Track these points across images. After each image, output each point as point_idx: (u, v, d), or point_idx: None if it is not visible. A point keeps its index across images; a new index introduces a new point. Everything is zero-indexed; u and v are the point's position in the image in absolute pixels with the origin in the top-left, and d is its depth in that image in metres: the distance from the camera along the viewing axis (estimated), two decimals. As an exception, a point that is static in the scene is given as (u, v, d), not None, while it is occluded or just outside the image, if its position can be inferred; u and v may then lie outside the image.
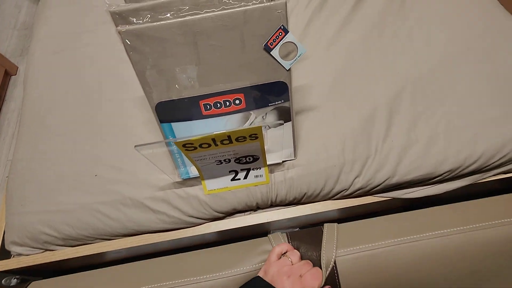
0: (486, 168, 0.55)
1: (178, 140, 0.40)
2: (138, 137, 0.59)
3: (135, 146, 0.41)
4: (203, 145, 0.43)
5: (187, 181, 0.56)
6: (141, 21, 0.43)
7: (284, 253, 0.49)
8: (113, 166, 0.58)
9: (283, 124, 0.44)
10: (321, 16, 0.71)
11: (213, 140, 0.42)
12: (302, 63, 0.65)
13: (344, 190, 0.55)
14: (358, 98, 0.59)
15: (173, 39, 0.40)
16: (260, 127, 0.40)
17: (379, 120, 0.56)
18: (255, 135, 0.42)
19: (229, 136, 0.41)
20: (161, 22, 0.39)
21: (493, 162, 0.54)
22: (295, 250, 0.42)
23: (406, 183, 0.55)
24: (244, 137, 0.42)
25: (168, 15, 0.43)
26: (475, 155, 0.53)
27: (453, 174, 0.55)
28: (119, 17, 0.41)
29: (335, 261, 0.47)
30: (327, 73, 0.63)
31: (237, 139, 0.43)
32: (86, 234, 0.55)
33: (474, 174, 0.56)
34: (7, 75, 1.37)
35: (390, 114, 0.57)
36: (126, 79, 0.65)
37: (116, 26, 0.41)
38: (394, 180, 0.53)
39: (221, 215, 0.57)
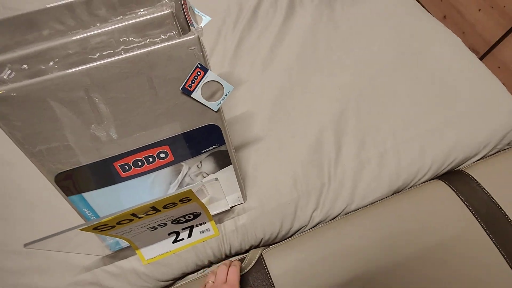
0: (437, 176, 0.54)
1: (83, 227, 0.31)
2: (49, 206, 0.47)
3: (24, 245, 0.30)
4: (122, 222, 0.34)
5: (119, 253, 0.46)
6: (12, 76, 0.32)
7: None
8: (17, 251, 0.45)
9: (217, 180, 0.37)
10: (252, 35, 0.66)
11: (134, 214, 0.33)
12: (238, 89, 0.59)
13: (303, 227, 0.50)
14: (302, 122, 0.55)
15: (57, 98, 0.31)
16: (190, 190, 0.33)
17: (327, 144, 0.52)
18: (187, 198, 0.34)
19: (153, 207, 0.33)
20: (31, 81, 0.29)
21: (443, 169, 0.53)
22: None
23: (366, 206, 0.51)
24: (174, 203, 0.34)
25: (51, 63, 0.34)
26: (425, 166, 0.51)
27: (407, 186, 0.53)
28: (-25, 77, 0.30)
29: (261, 254, 0.47)
30: (266, 98, 0.57)
31: (165, 207, 0.34)
32: None
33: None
34: None
35: (338, 136, 0.53)
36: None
37: (-26, 88, 0.31)
38: (353, 206, 0.50)
39: (168, 282, 0.48)
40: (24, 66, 0.34)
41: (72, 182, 0.37)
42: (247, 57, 0.62)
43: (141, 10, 0.36)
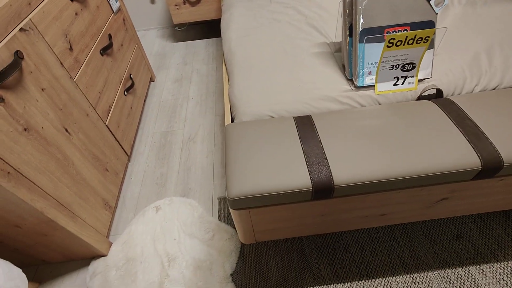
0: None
1: (388, 35, 0.74)
2: (317, 68, 0.93)
3: (366, 38, 0.75)
4: (397, 43, 0.76)
5: (362, 88, 0.87)
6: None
7: None
8: (309, 81, 0.91)
9: (444, 28, 0.77)
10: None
11: (406, 37, 0.75)
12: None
13: (468, 93, 0.84)
14: (465, 49, 0.93)
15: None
16: (434, 30, 0.74)
17: (483, 59, 0.89)
18: (427, 37, 0.76)
19: (415, 35, 0.75)
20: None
21: None
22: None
23: None
24: (421, 38, 0.76)
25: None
26: (553, 74, 0.83)
27: (540, 89, 0.84)
28: (352, -18, 0.80)
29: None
30: (441, 36, 0.99)
31: (417, 41, 0.76)
32: (294, 116, 0.85)
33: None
34: (151, 80, 1.84)
35: (489, 56, 0.89)
36: (304, 38, 1.03)
37: (349, -14, 0.81)
38: (502, 86, 0.83)
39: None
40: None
41: (364, 35, 0.82)
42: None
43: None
